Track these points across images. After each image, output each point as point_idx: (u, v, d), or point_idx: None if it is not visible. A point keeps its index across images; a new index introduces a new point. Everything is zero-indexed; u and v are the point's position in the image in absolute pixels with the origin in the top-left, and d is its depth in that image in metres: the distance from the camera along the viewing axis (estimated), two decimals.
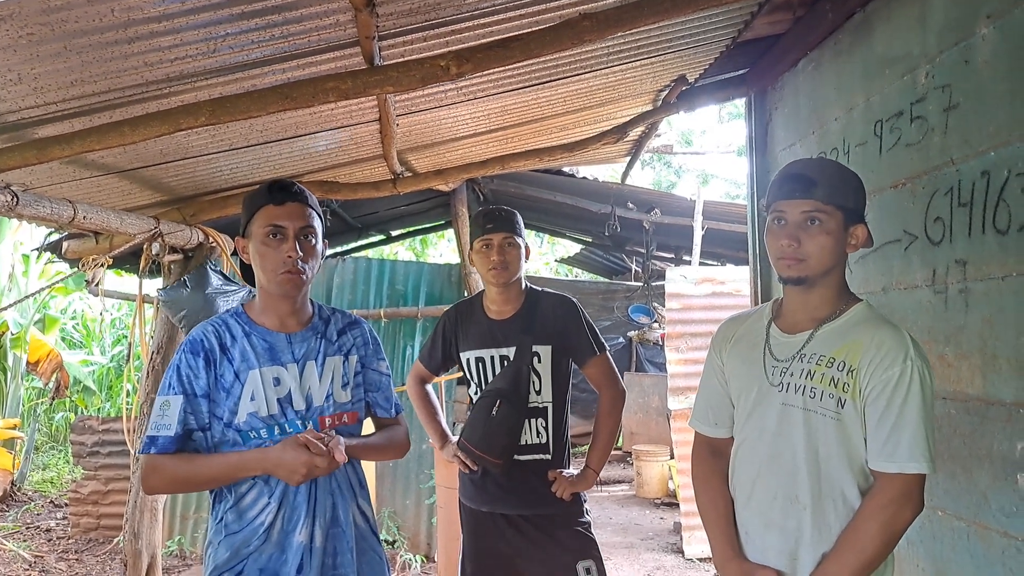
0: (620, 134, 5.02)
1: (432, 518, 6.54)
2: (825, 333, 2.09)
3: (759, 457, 2.14)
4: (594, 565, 3.00)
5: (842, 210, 2.05)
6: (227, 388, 2.21)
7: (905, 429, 1.92)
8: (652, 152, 8.19)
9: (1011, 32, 2.42)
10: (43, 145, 2.71)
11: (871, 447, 1.98)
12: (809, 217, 2.03)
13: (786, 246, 2.06)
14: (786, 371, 2.10)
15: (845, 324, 2.08)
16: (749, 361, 2.21)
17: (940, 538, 2.82)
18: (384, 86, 2.71)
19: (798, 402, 2.06)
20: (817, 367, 2.04)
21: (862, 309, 2.11)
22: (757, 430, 2.15)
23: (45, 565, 6.74)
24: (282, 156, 4.17)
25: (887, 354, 1.97)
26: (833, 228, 2.04)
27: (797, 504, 2.05)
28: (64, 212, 3.45)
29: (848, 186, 2.09)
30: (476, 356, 3.15)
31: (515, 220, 3.11)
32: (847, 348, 2.03)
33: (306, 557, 2.20)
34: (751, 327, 2.28)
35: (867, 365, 1.98)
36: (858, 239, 2.09)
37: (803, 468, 2.04)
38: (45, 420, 12.88)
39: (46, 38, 2.21)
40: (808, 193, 2.04)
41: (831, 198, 2.03)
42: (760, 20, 3.76)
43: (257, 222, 2.23)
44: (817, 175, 2.06)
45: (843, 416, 2.00)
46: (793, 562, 2.05)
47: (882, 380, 1.95)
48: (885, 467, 1.94)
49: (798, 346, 2.11)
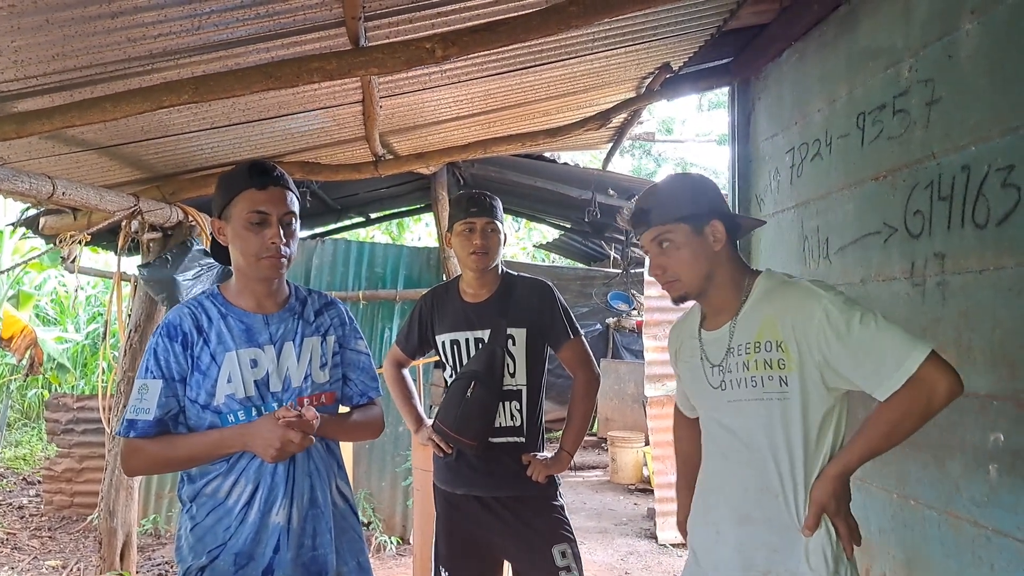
0: (603, 120, 5.01)
1: (408, 500, 6.55)
2: (742, 321, 2.12)
3: (725, 457, 2.17)
4: (569, 548, 3.01)
5: (683, 220, 2.11)
6: (204, 370, 2.20)
7: (876, 342, 1.89)
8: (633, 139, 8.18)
9: (994, 28, 2.44)
10: (23, 119, 2.68)
11: (867, 383, 1.92)
12: (658, 242, 2.14)
13: (658, 275, 2.18)
14: (723, 370, 2.14)
15: (753, 305, 2.11)
16: (693, 369, 2.27)
17: (911, 526, 2.86)
18: (369, 67, 2.69)
19: (745, 395, 2.08)
20: (749, 356, 2.07)
21: (761, 282, 2.15)
22: (717, 431, 2.19)
23: (18, 542, 6.70)
24: (264, 136, 4.14)
25: (800, 309, 1.99)
26: (683, 241, 2.11)
27: (768, 493, 2.05)
28: (43, 187, 3.41)
29: (681, 197, 2.15)
30: (451, 339, 3.16)
31: (497, 206, 3.11)
32: (764, 327, 2.05)
33: (283, 538, 2.19)
34: (689, 334, 2.33)
35: (791, 331, 2.00)
36: (718, 234, 2.13)
37: (769, 457, 2.05)
38: (18, 397, 12.77)
39: (27, 10, 2.18)
40: (646, 224, 2.15)
41: (664, 217, 2.12)
42: (746, 9, 3.77)
43: (238, 206, 2.20)
44: (648, 203, 2.17)
45: (790, 393, 2.00)
46: (772, 554, 2.04)
47: (816, 330, 1.95)
48: (892, 386, 1.87)
49: (725, 342, 2.15)
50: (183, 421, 2.22)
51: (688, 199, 2.14)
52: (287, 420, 2.09)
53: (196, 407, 2.19)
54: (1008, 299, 2.38)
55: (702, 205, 2.14)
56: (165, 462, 2.24)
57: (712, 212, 2.14)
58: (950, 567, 2.64)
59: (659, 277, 2.18)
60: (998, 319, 2.42)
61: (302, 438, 2.10)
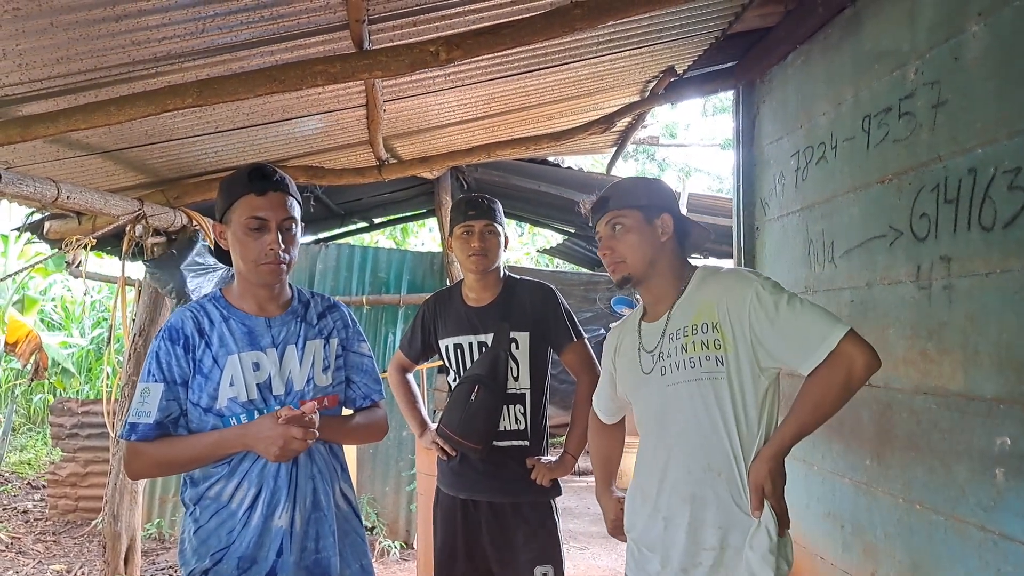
0: (607, 124, 5.01)
1: (411, 505, 6.54)
2: (679, 308, 2.27)
3: (666, 445, 2.25)
4: (551, 570, 3.03)
5: (638, 208, 2.29)
6: (206, 373, 2.20)
7: (800, 321, 2.05)
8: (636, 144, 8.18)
9: (1001, 30, 2.43)
10: (27, 123, 2.68)
11: (791, 360, 2.08)
12: (611, 225, 2.31)
13: (606, 255, 2.32)
14: (660, 356, 2.26)
15: (690, 293, 2.28)
16: (630, 361, 2.40)
17: (917, 531, 2.85)
18: (373, 71, 2.69)
19: (682, 377, 2.19)
20: (687, 338, 2.20)
21: (698, 274, 2.32)
22: (653, 420, 2.30)
23: (22, 547, 6.70)
24: (268, 140, 4.14)
25: (733, 291, 2.16)
26: (634, 225, 2.28)
27: (712, 472, 2.15)
28: (48, 192, 3.41)
29: (639, 189, 2.36)
30: (454, 343, 3.17)
31: (496, 208, 3.12)
32: (700, 311, 2.21)
33: (286, 541, 2.19)
34: (629, 330, 2.47)
35: (725, 312, 2.15)
36: (666, 226, 2.30)
37: (711, 435, 2.15)
38: (23, 402, 12.77)
39: (32, 14, 2.18)
40: (604, 209, 2.34)
41: (622, 203, 2.31)
42: (751, 12, 3.76)
43: (237, 211, 2.19)
44: (609, 193, 2.36)
45: (727, 372, 2.13)
46: (719, 531, 2.14)
47: (747, 310, 2.11)
48: (816, 359, 2.02)
49: (660, 329, 2.29)
50: (184, 424, 2.21)
51: (644, 192, 2.35)
52: (288, 417, 2.08)
53: (198, 410, 2.19)
54: (1015, 302, 2.36)
55: (655, 199, 2.33)
56: (167, 464, 2.23)
57: (664, 208, 2.32)
58: (956, 572, 2.63)
59: (607, 257, 2.32)
60: (1005, 322, 2.40)
61: (304, 434, 2.10)
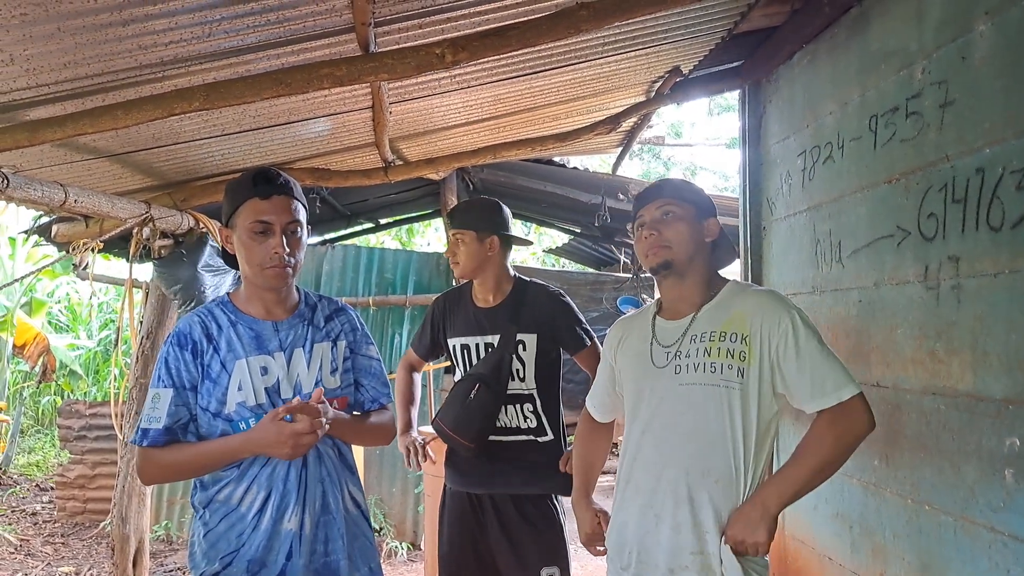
0: (613, 124, 5.00)
1: (419, 506, 6.55)
2: (707, 312, 2.27)
3: (666, 442, 2.24)
4: (557, 571, 3.05)
5: (692, 204, 2.32)
6: (214, 378, 2.20)
7: (823, 365, 2.09)
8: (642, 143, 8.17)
9: (1009, 29, 2.42)
10: (35, 127, 2.68)
11: (801, 394, 2.12)
12: (663, 211, 2.30)
13: (649, 237, 2.29)
14: (677, 354, 2.25)
15: (722, 300, 2.28)
16: (638, 353, 2.38)
17: (926, 532, 2.84)
18: (379, 73, 2.69)
19: (698, 380, 2.19)
20: (712, 343, 2.20)
21: (733, 285, 2.34)
22: (657, 415, 2.27)
23: (31, 548, 6.72)
24: (274, 142, 4.14)
25: (771, 312, 2.16)
26: (686, 216, 2.29)
27: (709, 477, 2.15)
28: (55, 195, 3.42)
29: (694, 188, 2.40)
30: (461, 343, 3.20)
31: (470, 214, 3.14)
32: (732, 320, 2.20)
33: (295, 545, 2.19)
34: (639, 325, 2.47)
35: (758, 328, 2.16)
36: (711, 230, 2.33)
37: (717, 442, 2.15)
38: (31, 404, 12.83)
39: (39, 19, 2.18)
40: (659, 194, 2.34)
41: (679, 195, 2.33)
42: (756, 12, 3.76)
43: (242, 215, 2.20)
44: (663, 184, 2.40)
45: (745, 385, 2.14)
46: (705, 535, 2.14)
47: (780, 334, 2.12)
48: (824, 403, 2.08)
49: (682, 328, 2.28)
50: (194, 430, 2.21)
51: (700, 195, 2.38)
52: (288, 410, 2.08)
53: (208, 415, 2.19)
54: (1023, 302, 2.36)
55: (707, 204, 2.36)
56: (178, 470, 2.25)
57: (713, 213, 2.36)
58: (965, 573, 2.62)
59: (649, 239, 2.29)
60: (1014, 322, 2.39)
61: (311, 425, 2.08)
